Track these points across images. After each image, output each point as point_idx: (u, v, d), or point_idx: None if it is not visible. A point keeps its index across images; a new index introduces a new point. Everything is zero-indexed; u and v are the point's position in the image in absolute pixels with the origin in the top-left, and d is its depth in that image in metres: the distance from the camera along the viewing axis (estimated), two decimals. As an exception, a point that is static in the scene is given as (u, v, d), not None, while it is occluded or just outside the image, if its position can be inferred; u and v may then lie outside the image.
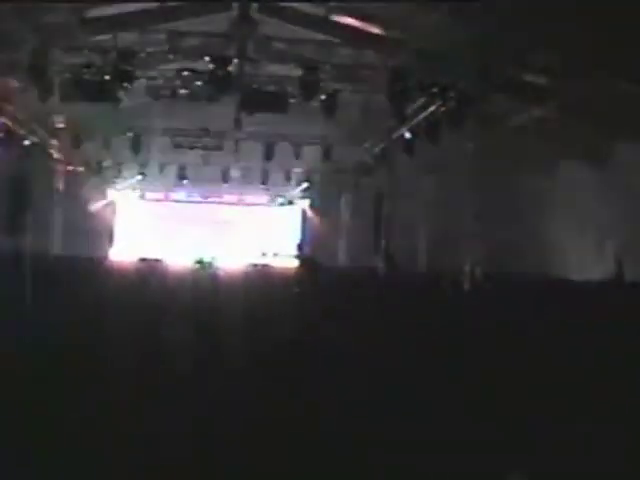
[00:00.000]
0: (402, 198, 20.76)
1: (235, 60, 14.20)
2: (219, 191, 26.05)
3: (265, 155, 21.30)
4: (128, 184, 25.38)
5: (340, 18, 17.01)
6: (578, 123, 16.43)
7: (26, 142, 19.02)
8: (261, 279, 15.31)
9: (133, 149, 21.05)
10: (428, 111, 15.50)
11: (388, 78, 14.08)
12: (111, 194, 26.09)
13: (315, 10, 17.15)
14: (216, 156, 22.57)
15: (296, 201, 27.09)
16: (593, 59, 13.26)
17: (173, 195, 26.46)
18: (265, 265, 24.33)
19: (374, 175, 22.07)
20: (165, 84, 15.56)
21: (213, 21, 16.52)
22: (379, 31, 16.56)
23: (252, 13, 15.69)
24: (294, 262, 25.38)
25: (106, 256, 24.75)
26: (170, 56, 14.78)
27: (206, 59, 14.25)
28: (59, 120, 19.29)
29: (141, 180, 24.85)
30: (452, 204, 17.87)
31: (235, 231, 26.27)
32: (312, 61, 14.15)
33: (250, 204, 26.95)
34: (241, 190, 25.94)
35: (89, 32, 14.41)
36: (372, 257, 20.43)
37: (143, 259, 23.37)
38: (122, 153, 22.18)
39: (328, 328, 4.74)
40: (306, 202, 27.03)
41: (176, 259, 23.24)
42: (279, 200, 27.08)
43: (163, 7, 16.50)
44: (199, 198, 26.53)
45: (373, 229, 23.04)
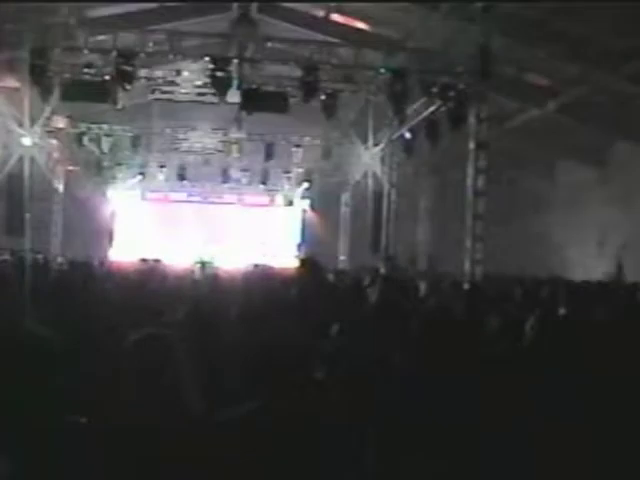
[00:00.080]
0: (402, 198, 20.77)
1: (235, 60, 14.21)
2: (219, 191, 26.05)
3: (265, 155, 21.32)
4: (128, 184, 25.39)
5: (340, 18, 17.04)
6: (578, 123, 16.47)
7: (26, 142, 19.01)
8: (261, 279, 15.29)
9: (133, 149, 21.09)
10: (428, 111, 15.52)
11: (388, 78, 14.09)
12: (111, 194, 26.10)
13: (315, 10, 17.19)
14: (216, 156, 22.60)
15: (296, 201, 27.08)
16: (593, 59, 13.29)
17: (173, 195, 26.44)
18: (265, 265, 24.32)
19: (375, 175, 22.08)
20: (165, 84, 15.59)
21: (213, 21, 16.56)
22: (379, 31, 16.59)
23: (252, 13, 15.73)
24: (294, 262, 25.48)
25: (106, 256, 24.76)
26: (170, 56, 14.81)
27: (206, 59, 14.28)
28: (59, 120, 19.33)
29: (141, 180, 24.87)
30: (452, 204, 17.89)
31: (235, 231, 26.25)
32: (312, 61, 14.16)
33: (250, 204, 26.94)
34: (241, 190, 25.95)
35: (89, 32, 14.44)
36: (372, 257, 20.41)
37: (143, 259, 23.35)
38: (122, 153, 22.22)
39: (329, 329, 4.75)
40: (306, 202, 27.02)
41: (176, 259, 23.24)
42: (279, 200, 27.07)
43: (163, 7, 16.55)
44: (199, 198, 26.52)
45: (373, 229, 23.04)
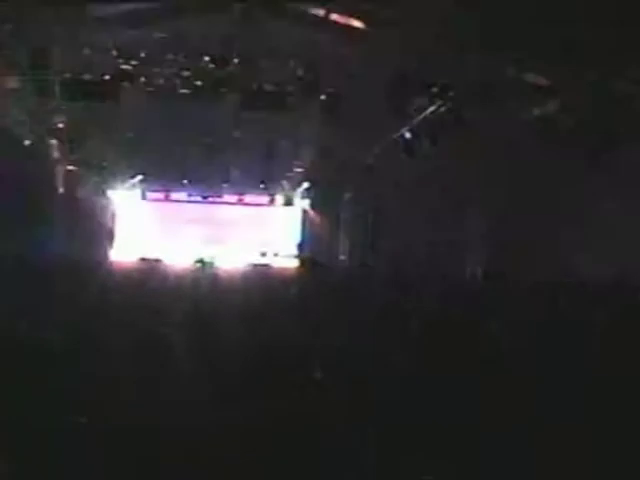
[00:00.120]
0: (402, 198, 20.77)
1: (235, 60, 14.21)
2: (219, 191, 26.06)
3: (265, 155, 21.31)
4: (128, 184, 25.39)
5: (340, 18, 17.02)
6: (578, 123, 16.45)
7: (26, 142, 19.03)
8: (261, 279, 15.32)
9: (133, 149, 21.08)
10: (428, 111, 15.52)
11: (388, 78, 14.09)
12: (111, 194, 26.09)
13: (315, 10, 17.17)
14: (216, 156, 22.59)
15: (296, 201, 27.07)
16: (593, 59, 13.27)
17: (173, 195, 26.45)
18: (265, 265, 24.33)
19: (374, 175, 22.08)
20: (165, 84, 15.58)
21: (213, 21, 16.55)
22: (379, 31, 16.57)
23: (252, 13, 15.71)
24: (294, 262, 25.47)
25: (106, 256, 24.77)
26: (170, 56, 14.80)
27: (206, 59, 14.27)
28: (59, 120, 19.31)
29: (141, 180, 24.87)
30: (452, 204, 17.88)
31: (235, 231, 26.25)
32: (312, 61, 14.16)
33: (250, 204, 26.94)
34: (241, 190, 25.95)
35: (89, 32, 14.43)
36: (372, 257, 20.43)
37: (143, 259, 23.40)
38: (122, 153, 22.20)
39: (329, 329, 4.75)
40: (306, 202, 27.02)
41: (176, 259, 23.25)
42: (279, 200, 27.06)
43: (163, 7, 16.52)
44: (199, 198, 26.52)
45: (373, 229, 23.06)
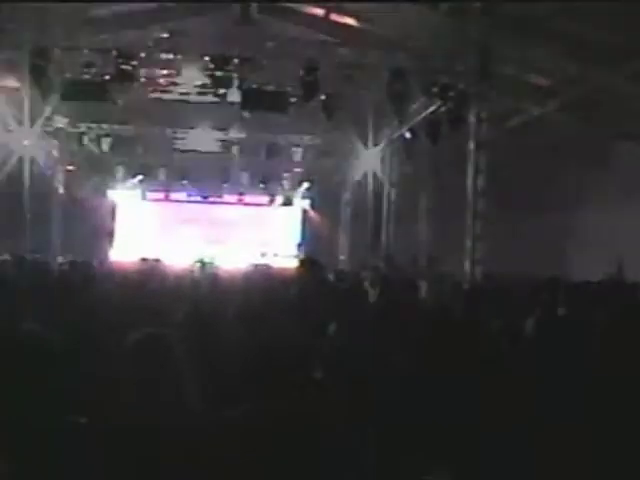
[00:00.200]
0: (402, 198, 20.76)
1: (235, 60, 14.21)
2: (219, 191, 26.06)
3: (265, 155, 21.32)
4: (128, 184, 25.39)
5: (340, 18, 17.01)
6: (578, 123, 16.45)
7: (26, 142, 19.00)
8: (261, 279, 15.29)
9: (133, 149, 21.10)
10: (428, 111, 15.52)
11: (388, 78, 14.09)
12: (111, 194, 26.10)
13: (315, 10, 17.16)
14: (216, 156, 22.59)
15: (296, 201, 27.08)
16: (593, 58, 13.27)
17: (173, 195, 26.44)
18: (265, 265, 24.31)
19: (375, 175, 22.07)
20: (165, 84, 15.60)
21: (213, 21, 16.54)
22: (379, 31, 16.57)
23: (252, 13, 15.72)
24: (294, 262, 25.48)
25: (106, 256, 24.76)
26: (170, 56, 14.81)
27: (206, 59, 14.28)
28: (59, 120, 19.33)
29: (141, 180, 24.88)
30: (452, 204, 17.86)
31: (235, 231, 26.25)
32: (312, 61, 14.16)
33: (250, 204, 26.94)
34: (241, 190, 25.95)
35: (89, 32, 14.44)
36: (372, 257, 20.40)
37: (143, 259, 23.37)
38: (122, 153, 22.21)
39: (329, 329, 4.75)
40: (306, 202, 27.02)
41: (176, 259, 23.24)
42: (279, 200, 27.06)
43: (163, 7, 16.52)
44: (199, 198, 26.52)
45: (373, 229, 23.03)
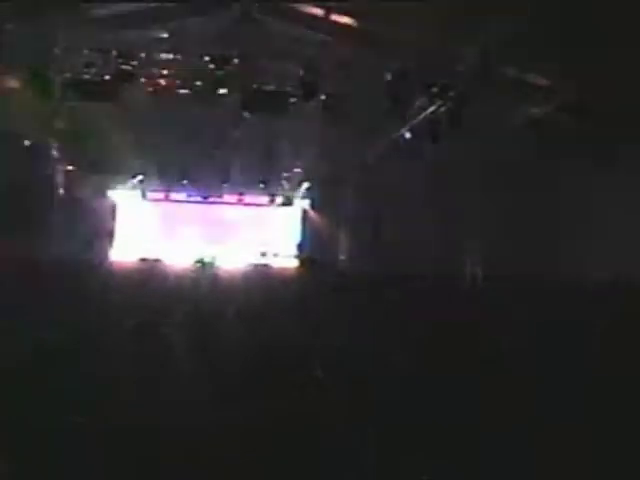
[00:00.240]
0: (402, 198, 20.76)
1: (235, 60, 14.21)
2: (219, 191, 26.04)
3: (265, 155, 21.31)
4: (128, 184, 25.38)
5: (340, 18, 17.01)
6: (578, 123, 16.44)
7: (26, 142, 19.02)
8: (261, 279, 15.32)
9: (133, 149, 21.07)
10: (428, 111, 15.52)
11: (388, 78, 14.09)
12: (111, 194, 26.08)
13: (315, 10, 17.15)
14: (216, 156, 22.58)
15: (296, 201, 27.06)
16: (593, 58, 13.26)
17: (173, 195, 26.43)
18: (265, 265, 24.32)
19: (374, 175, 22.08)
20: (165, 84, 15.58)
21: (213, 21, 16.54)
22: (379, 31, 16.56)
23: (252, 13, 15.72)
24: (294, 262, 25.47)
25: (106, 256, 24.76)
26: (170, 56, 14.80)
27: (206, 59, 14.27)
28: (59, 120, 19.32)
29: (141, 180, 24.87)
30: (452, 204, 17.88)
31: (235, 231, 26.24)
32: (312, 61, 14.16)
33: (250, 204, 26.92)
34: (241, 190, 25.94)
35: (89, 32, 14.43)
36: (372, 257, 20.41)
37: (143, 259, 23.39)
38: (122, 153, 22.19)
39: (329, 329, 4.75)
40: (306, 202, 27.00)
41: (176, 259, 23.25)
42: (279, 200, 27.04)
43: (163, 7, 16.52)
44: (199, 198, 26.51)
45: (373, 229, 23.04)
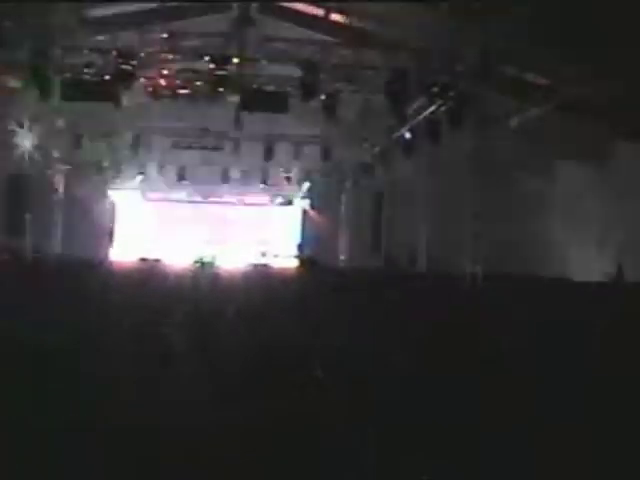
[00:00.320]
0: (402, 198, 20.76)
1: (235, 60, 14.21)
2: (219, 191, 26.04)
3: (265, 155, 21.30)
4: (128, 184, 25.38)
5: (340, 18, 17.01)
6: (578, 123, 16.44)
7: (26, 142, 19.00)
8: (261, 279, 15.32)
9: (133, 149, 21.07)
10: (428, 111, 15.52)
11: (388, 78, 14.09)
12: (111, 194, 26.09)
13: (315, 10, 17.15)
14: (216, 156, 22.57)
15: (296, 201, 27.07)
16: (593, 58, 13.26)
17: (173, 195, 26.44)
18: (265, 265, 24.33)
19: (374, 175, 22.09)
20: (165, 84, 15.57)
21: (213, 21, 16.54)
22: (379, 31, 16.57)
23: (252, 13, 15.71)
24: (294, 262, 25.48)
25: (106, 256, 24.76)
26: (170, 56, 14.79)
27: (206, 59, 14.27)
28: (59, 120, 19.32)
29: (141, 180, 24.87)
30: (452, 204, 17.87)
31: (235, 231, 26.25)
32: (312, 61, 14.16)
33: (250, 204, 26.94)
34: (241, 190, 25.94)
35: (89, 32, 14.42)
36: (372, 257, 20.42)
37: (143, 259, 23.39)
38: (122, 153, 22.20)
39: (329, 329, 4.75)
40: (306, 202, 27.01)
41: (176, 259, 23.25)
42: (279, 200, 27.05)
43: (163, 7, 16.52)
44: (199, 198, 26.51)
45: (373, 229, 23.05)
